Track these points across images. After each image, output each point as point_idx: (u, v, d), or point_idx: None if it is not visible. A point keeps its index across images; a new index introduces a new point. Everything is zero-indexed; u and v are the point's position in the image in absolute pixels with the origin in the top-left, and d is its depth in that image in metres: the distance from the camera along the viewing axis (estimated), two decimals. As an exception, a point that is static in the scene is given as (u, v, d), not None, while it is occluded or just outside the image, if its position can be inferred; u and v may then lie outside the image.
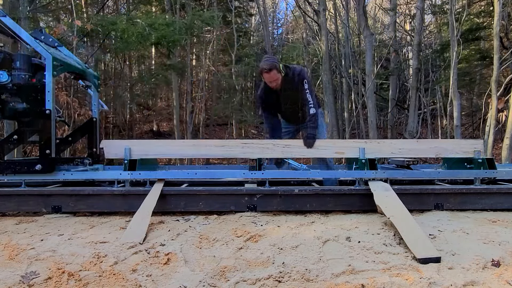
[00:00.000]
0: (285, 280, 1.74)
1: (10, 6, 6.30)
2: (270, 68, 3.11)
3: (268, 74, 3.15)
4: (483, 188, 2.94)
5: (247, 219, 2.66)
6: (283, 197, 2.85)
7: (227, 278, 1.77)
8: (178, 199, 2.84)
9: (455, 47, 8.58)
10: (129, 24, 7.47)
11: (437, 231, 2.33)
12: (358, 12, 10.05)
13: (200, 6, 12.35)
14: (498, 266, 1.85)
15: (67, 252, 2.03)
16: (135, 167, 3.00)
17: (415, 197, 2.87)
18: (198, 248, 2.11)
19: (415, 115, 11.92)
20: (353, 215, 2.74)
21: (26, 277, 1.76)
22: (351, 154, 3.17)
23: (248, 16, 17.41)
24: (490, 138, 7.59)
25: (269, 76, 3.16)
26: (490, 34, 11.43)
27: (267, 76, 3.17)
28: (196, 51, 15.93)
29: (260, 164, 3.23)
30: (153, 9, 12.74)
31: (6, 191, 2.86)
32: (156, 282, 1.74)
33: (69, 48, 5.14)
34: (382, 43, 15.89)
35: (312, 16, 13.45)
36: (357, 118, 13.24)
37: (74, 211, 2.88)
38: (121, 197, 2.86)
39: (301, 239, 2.20)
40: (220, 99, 16.30)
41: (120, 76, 12.47)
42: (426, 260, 1.90)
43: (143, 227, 2.33)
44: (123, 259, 1.96)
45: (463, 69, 12.89)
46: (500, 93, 7.97)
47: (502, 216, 2.70)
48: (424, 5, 12.57)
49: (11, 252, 2.04)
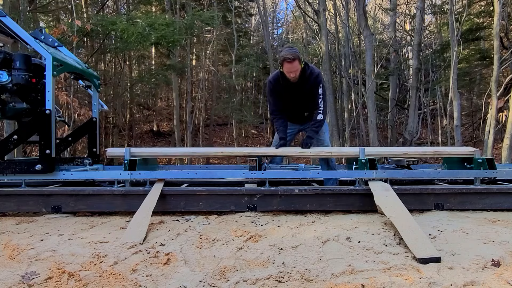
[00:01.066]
0: (285, 280, 1.74)
1: (10, 6, 6.30)
2: (293, 58, 2.99)
3: (290, 64, 3.01)
4: (483, 188, 2.93)
5: (247, 219, 2.66)
6: (283, 197, 2.85)
7: (227, 278, 1.77)
8: (178, 199, 2.84)
9: (455, 47, 8.58)
10: (129, 24, 7.48)
11: (437, 231, 2.33)
12: (358, 12, 10.05)
13: (200, 6, 12.37)
14: (498, 266, 1.85)
15: (67, 252, 2.03)
16: (135, 167, 3.00)
17: (415, 197, 2.87)
18: (198, 248, 2.11)
19: (415, 115, 11.92)
20: (353, 215, 2.74)
21: (26, 277, 1.76)
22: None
23: (248, 16, 17.42)
24: (490, 138, 7.60)
25: (291, 66, 3.02)
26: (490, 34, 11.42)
27: (289, 66, 3.03)
28: (196, 51, 15.94)
29: (260, 164, 3.23)
30: (153, 9, 12.75)
31: (6, 191, 2.86)
32: (156, 282, 1.74)
33: (69, 48, 5.13)
34: (382, 43, 15.89)
35: (312, 16, 13.46)
36: (357, 118, 13.24)
37: (74, 211, 2.87)
38: (121, 197, 2.86)
39: (301, 239, 2.20)
40: (220, 99, 16.30)
41: (120, 76, 12.47)
42: (426, 260, 1.90)
43: (143, 227, 2.33)
44: (123, 259, 1.96)
45: (463, 69, 12.89)
46: (500, 93, 7.97)
47: (502, 216, 2.69)
48: (424, 5, 12.57)
49: (11, 252, 2.04)
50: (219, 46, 15.06)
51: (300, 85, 3.17)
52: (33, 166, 2.79)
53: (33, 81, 2.96)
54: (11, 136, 2.85)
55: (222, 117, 17.86)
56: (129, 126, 14.65)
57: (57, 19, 10.71)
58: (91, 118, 3.70)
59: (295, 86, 3.18)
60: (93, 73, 3.75)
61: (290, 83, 3.16)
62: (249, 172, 3.07)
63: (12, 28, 2.83)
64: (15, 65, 2.88)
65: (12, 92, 2.91)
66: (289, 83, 3.17)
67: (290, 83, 3.17)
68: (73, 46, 7.03)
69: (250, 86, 19.10)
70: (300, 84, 3.17)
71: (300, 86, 3.18)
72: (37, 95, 3.04)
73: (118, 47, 9.08)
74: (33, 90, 3.01)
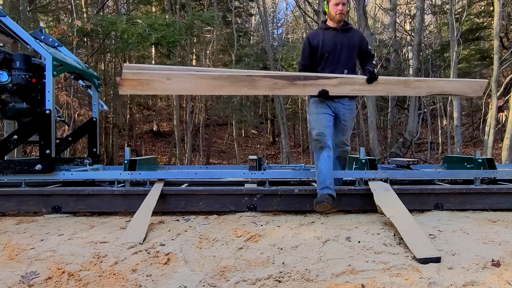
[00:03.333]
0: (285, 280, 1.74)
1: (10, 6, 6.30)
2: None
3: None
4: (483, 188, 2.93)
5: (247, 219, 2.66)
6: (283, 197, 2.85)
7: (227, 278, 1.77)
8: (178, 199, 2.84)
9: (455, 47, 8.58)
10: (129, 24, 7.49)
11: (437, 231, 2.33)
12: (358, 12, 10.04)
13: (200, 6, 12.37)
14: (498, 266, 1.85)
15: (67, 252, 2.03)
16: (135, 167, 3.00)
17: (415, 197, 2.87)
18: (198, 248, 2.11)
19: (415, 115, 11.91)
20: (353, 215, 2.74)
21: (26, 277, 1.76)
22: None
23: (248, 16, 17.42)
24: (490, 138, 7.60)
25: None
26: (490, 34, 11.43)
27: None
28: (196, 51, 15.94)
29: (260, 164, 3.23)
30: (153, 9, 12.75)
31: (6, 191, 2.86)
32: (156, 282, 1.74)
33: (69, 48, 5.13)
34: (382, 43, 15.88)
35: (312, 16, 13.45)
36: (357, 118, 13.24)
37: (74, 211, 2.88)
38: (121, 197, 2.86)
39: (301, 239, 2.20)
40: (220, 99, 16.28)
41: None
42: (426, 260, 1.90)
43: (143, 227, 2.33)
44: (123, 259, 1.96)
45: (463, 69, 12.90)
46: (500, 93, 7.98)
47: (502, 216, 2.69)
48: (424, 5, 12.57)
49: (11, 252, 2.04)
50: (219, 46, 15.05)
51: (342, 37, 2.95)
52: (33, 166, 2.79)
53: (33, 81, 2.96)
54: (11, 136, 2.85)
55: (222, 117, 17.87)
56: (129, 126, 14.66)
57: (57, 19, 10.71)
58: (91, 118, 3.71)
59: (337, 37, 2.94)
60: (93, 73, 3.75)
61: (331, 34, 2.94)
62: (249, 172, 3.07)
63: (12, 28, 2.83)
64: (15, 65, 2.88)
65: (12, 92, 2.91)
66: (330, 34, 2.94)
67: (331, 35, 2.94)
68: (73, 46, 7.04)
69: (250, 86, 19.04)
70: (343, 36, 2.95)
71: (342, 38, 2.95)
72: (37, 95, 3.04)
73: (118, 47, 9.09)
74: (33, 90, 3.01)
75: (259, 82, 2.76)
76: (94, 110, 3.72)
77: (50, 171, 2.84)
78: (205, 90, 2.88)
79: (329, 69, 2.92)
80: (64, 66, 3.04)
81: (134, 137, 15.23)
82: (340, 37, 2.95)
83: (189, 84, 2.74)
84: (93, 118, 3.68)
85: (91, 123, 3.67)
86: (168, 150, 14.45)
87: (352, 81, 2.85)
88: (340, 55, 2.94)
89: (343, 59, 2.95)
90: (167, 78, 2.69)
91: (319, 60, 2.97)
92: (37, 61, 3.04)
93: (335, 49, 2.93)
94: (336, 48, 2.93)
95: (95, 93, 3.76)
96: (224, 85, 2.74)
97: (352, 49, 2.98)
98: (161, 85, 2.70)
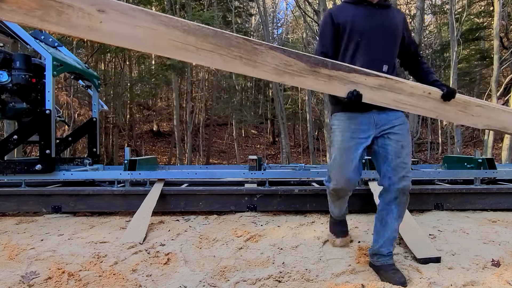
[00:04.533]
0: (285, 280, 1.74)
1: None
2: None
3: None
4: (483, 188, 2.93)
5: (247, 219, 2.66)
6: (283, 197, 2.85)
7: (227, 278, 1.77)
8: (178, 199, 2.84)
9: (455, 47, 8.59)
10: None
11: (437, 231, 2.33)
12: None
13: (200, 6, 12.37)
14: (498, 266, 1.85)
15: (67, 252, 2.03)
16: (135, 167, 3.00)
17: (415, 197, 2.87)
18: (198, 248, 2.11)
19: (415, 115, 11.91)
20: (353, 215, 2.74)
21: (26, 277, 1.76)
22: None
23: (248, 16, 17.43)
24: (490, 138, 7.60)
25: None
26: (490, 34, 11.43)
27: None
28: (196, 51, 15.90)
29: (260, 164, 3.23)
30: (153, 9, 12.75)
31: (6, 191, 2.86)
32: (156, 282, 1.74)
33: (69, 48, 5.13)
34: (382, 43, 15.85)
35: (312, 16, 13.45)
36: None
37: (74, 211, 2.88)
38: (121, 197, 2.86)
39: (301, 239, 2.21)
40: (220, 99, 16.30)
41: (120, 76, 12.47)
42: (426, 260, 1.90)
43: (143, 227, 2.33)
44: (123, 259, 1.96)
45: (463, 69, 12.90)
46: (500, 93, 7.98)
47: (502, 216, 2.70)
48: (424, 5, 12.57)
49: (11, 252, 2.04)
50: (219, 46, 15.03)
51: (381, 16, 1.91)
52: (33, 166, 2.80)
53: (33, 81, 2.96)
54: (11, 136, 2.85)
55: (222, 117, 17.88)
56: (129, 126, 14.66)
57: (57, 19, 10.69)
58: (91, 118, 3.71)
59: (374, 15, 1.90)
60: (93, 73, 3.75)
61: (365, 11, 1.89)
62: (249, 172, 3.07)
63: (12, 28, 2.84)
64: (15, 65, 2.88)
65: (12, 92, 2.92)
66: (364, 11, 1.90)
67: (365, 12, 1.89)
68: (73, 46, 7.04)
69: (250, 86, 19.09)
70: (381, 14, 1.91)
71: (382, 17, 1.90)
72: (37, 95, 3.04)
73: (118, 47, 9.07)
74: (33, 90, 3.01)
75: (262, 56, 1.65)
76: (94, 110, 3.72)
77: (50, 171, 2.84)
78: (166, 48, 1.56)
79: (360, 62, 1.85)
80: (64, 66, 3.04)
81: (134, 137, 15.24)
82: (378, 16, 1.90)
83: (135, 32, 1.51)
84: (93, 118, 3.68)
85: (91, 123, 3.67)
86: (168, 150, 14.46)
87: (399, 87, 1.76)
88: (378, 42, 1.88)
89: (383, 49, 1.89)
90: (99, 10, 1.48)
91: (345, 46, 1.91)
92: (37, 61, 3.04)
93: (372, 33, 1.87)
94: (374, 32, 1.87)
95: (95, 93, 3.76)
96: (203, 47, 1.57)
97: (395, 35, 1.92)
98: (84, 21, 1.47)
